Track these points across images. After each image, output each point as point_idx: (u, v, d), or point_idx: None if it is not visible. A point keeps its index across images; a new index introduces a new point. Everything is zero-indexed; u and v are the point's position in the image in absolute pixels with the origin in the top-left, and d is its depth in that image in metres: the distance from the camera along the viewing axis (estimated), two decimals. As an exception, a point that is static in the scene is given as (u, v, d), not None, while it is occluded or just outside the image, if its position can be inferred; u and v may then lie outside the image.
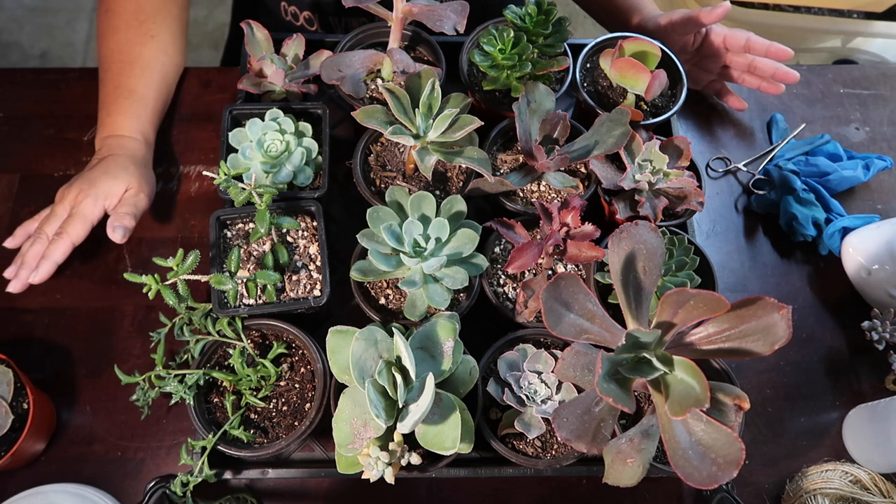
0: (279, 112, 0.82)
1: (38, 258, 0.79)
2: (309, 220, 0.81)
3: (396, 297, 0.78)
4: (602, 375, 0.56)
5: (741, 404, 0.58)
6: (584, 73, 0.92)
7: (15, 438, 0.73)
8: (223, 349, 0.77)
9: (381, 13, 0.81)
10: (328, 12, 1.06)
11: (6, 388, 0.75)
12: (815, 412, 0.86)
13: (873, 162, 0.97)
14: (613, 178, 0.82)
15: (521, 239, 0.70)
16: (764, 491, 0.81)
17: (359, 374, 0.66)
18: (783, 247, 0.95)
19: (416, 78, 0.77)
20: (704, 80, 1.02)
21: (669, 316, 0.57)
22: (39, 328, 0.85)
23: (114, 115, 0.89)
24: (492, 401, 0.74)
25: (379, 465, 0.64)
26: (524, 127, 0.80)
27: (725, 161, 1.00)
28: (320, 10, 1.06)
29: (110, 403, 0.82)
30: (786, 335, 0.53)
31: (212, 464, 0.72)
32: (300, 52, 0.90)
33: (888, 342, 0.84)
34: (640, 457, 0.61)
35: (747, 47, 0.93)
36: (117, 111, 0.89)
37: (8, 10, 2.21)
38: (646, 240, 0.62)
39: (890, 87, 1.07)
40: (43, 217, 0.83)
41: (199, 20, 2.19)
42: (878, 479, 0.78)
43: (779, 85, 0.97)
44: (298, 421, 0.74)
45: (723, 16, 0.92)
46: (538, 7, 0.82)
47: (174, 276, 0.69)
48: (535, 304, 0.74)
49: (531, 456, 0.73)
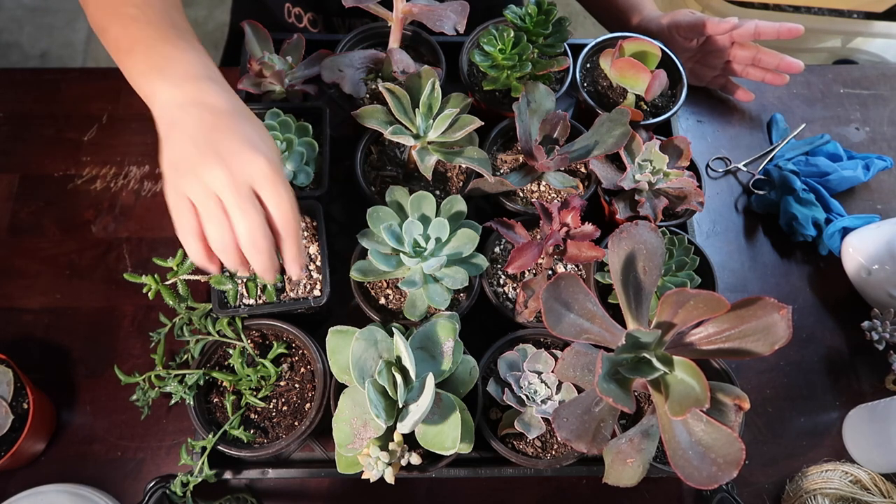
0: (279, 112, 0.82)
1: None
2: (309, 220, 0.81)
3: (396, 297, 0.78)
4: (602, 375, 0.56)
5: (741, 404, 0.58)
6: (584, 73, 0.92)
7: (15, 438, 0.73)
8: (223, 349, 0.77)
9: (381, 13, 0.81)
10: (332, 13, 1.06)
11: (6, 388, 0.75)
12: (815, 412, 0.86)
13: (873, 162, 0.97)
14: (613, 178, 0.82)
15: (521, 239, 0.70)
16: (764, 491, 0.81)
17: (359, 374, 0.66)
18: (783, 247, 0.95)
19: (416, 78, 0.77)
20: (708, 77, 1.02)
21: (669, 316, 0.57)
22: (39, 328, 0.85)
23: (167, 54, 0.63)
24: (492, 401, 0.74)
25: (379, 465, 0.64)
26: (524, 127, 0.80)
27: (725, 161, 1.00)
28: (325, 11, 1.06)
29: (110, 403, 0.82)
30: (786, 335, 0.53)
31: (212, 464, 0.72)
32: (300, 52, 0.90)
33: (888, 342, 0.84)
34: (640, 457, 0.61)
35: (757, 34, 0.93)
36: (169, 44, 0.64)
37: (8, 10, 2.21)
38: (646, 240, 0.62)
39: (890, 87, 1.07)
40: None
41: (199, 20, 2.19)
42: (878, 479, 0.78)
43: (783, 76, 0.97)
44: (298, 421, 0.74)
45: (729, 31, 0.93)
46: (538, 7, 0.82)
47: (174, 276, 0.69)
48: (535, 304, 0.74)
49: (531, 456, 0.73)
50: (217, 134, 0.59)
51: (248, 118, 0.63)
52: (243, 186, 0.59)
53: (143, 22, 0.65)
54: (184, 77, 0.62)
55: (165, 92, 0.61)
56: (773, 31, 0.92)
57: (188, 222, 0.60)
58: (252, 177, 0.59)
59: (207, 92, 0.61)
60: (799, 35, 0.92)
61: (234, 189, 0.58)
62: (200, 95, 0.61)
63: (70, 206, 0.92)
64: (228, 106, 0.62)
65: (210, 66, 0.64)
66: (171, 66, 0.62)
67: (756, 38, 0.94)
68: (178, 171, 0.60)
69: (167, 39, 0.64)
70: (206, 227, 0.60)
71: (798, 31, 0.92)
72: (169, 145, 0.61)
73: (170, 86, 0.61)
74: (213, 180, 0.58)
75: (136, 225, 0.91)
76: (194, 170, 0.59)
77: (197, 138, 0.59)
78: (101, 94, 0.99)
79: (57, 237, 0.90)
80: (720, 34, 0.94)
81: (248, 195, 0.59)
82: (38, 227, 0.91)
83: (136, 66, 0.64)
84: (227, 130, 0.60)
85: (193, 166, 0.59)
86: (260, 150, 0.60)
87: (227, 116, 0.61)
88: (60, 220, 0.91)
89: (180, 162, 0.60)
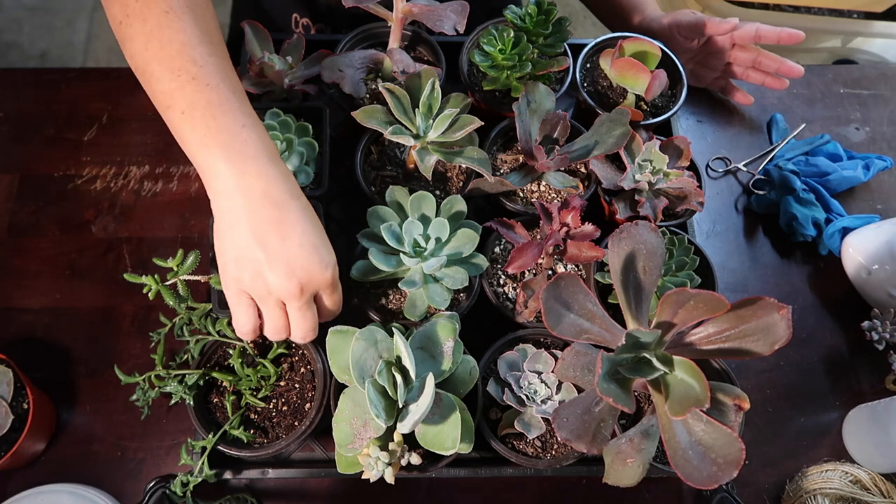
0: (279, 112, 0.82)
1: None
2: (309, 220, 0.81)
3: (396, 297, 0.78)
4: (602, 375, 0.56)
5: (741, 404, 0.58)
6: (584, 73, 0.92)
7: (15, 438, 0.73)
8: (223, 349, 0.77)
9: (381, 13, 0.81)
10: (341, 24, 1.05)
11: (6, 388, 0.75)
12: (815, 412, 0.86)
13: (873, 162, 0.97)
14: (613, 178, 0.82)
15: (521, 239, 0.70)
16: (764, 491, 0.81)
17: (359, 374, 0.66)
18: (783, 247, 0.95)
19: (416, 78, 0.77)
20: (708, 78, 1.02)
21: (669, 316, 0.57)
22: (39, 328, 0.85)
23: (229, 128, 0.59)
24: (492, 401, 0.74)
25: (379, 465, 0.64)
26: (524, 127, 0.80)
27: (725, 161, 1.00)
28: (333, 22, 1.06)
29: (110, 403, 0.82)
30: (786, 335, 0.53)
31: (212, 464, 0.72)
32: (300, 52, 0.90)
33: (888, 342, 0.84)
34: (640, 457, 0.61)
35: (757, 37, 0.93)
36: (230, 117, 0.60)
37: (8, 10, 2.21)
38: (646, 240, 0.62)
39: (890, 87, 1.07)
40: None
41: (199, 20, 2.19)
42: (878, 479, 0.78)
43: (783, 80, 0.97)
44: (298, 421, 0.74)
45: (730, 31, 0.93)
46: (538, 7, 0.82)
47: (174, 277, 0.69)
48: (535, 304, 0.74)
49: (531, 456, 0.73)
50: (284, 236, 0.59)
51: (309, 211, 0.62)
52: (307, 296, 0.61)
53: (202, 82, 0.59)
54: (248, 158, 0.59)
55: (228, 173, 0.58)
56: (773, 35, 0.93)
57: (249, 320, 0.63)
58: (318, 288, 0.62)
59: (271, 180, 0.60)
60: (799, 41, 0.92)
61: (300, 301, 0.61)
62: (264, 183, 0.59)
63: (70, 206, 0.92)
64: (293, 200, 0.60)
65: (269, 143, 0.62)
66: (235, 143, 0.59)
67: (756, 42, 0.94)
68: (239, 267, 0.60)
69: (229, 111, 0.60)
70: (266, 325, 0.63)
71: (799, 38, 0.92)
72: (231, 235, 0.60)
73: (233, 167, 0.58)
74: (280, 289, 0.60)
75: (136, 225, 0.91)
76: (260, 272, 0.59)
77: (264, 238, 0.59)
78: (101, 94, 0.99)
79: (57, 237, 0.90)
80: (721, 35, 0.94)
81: (310, 303, 0.62)
82: (38, 227, 0.91)
83: (195, 132, 0.59)
84: (293, 233, 0.60)
85: (259, 268, 0.59)
86: (324, 259, 0.61)
87: (293, 214, 0.60)
88: (60, 220, 0.91)
89: (244, 258, 0.59)
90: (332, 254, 0.63)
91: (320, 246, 0.62)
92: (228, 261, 0.61)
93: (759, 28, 0.93)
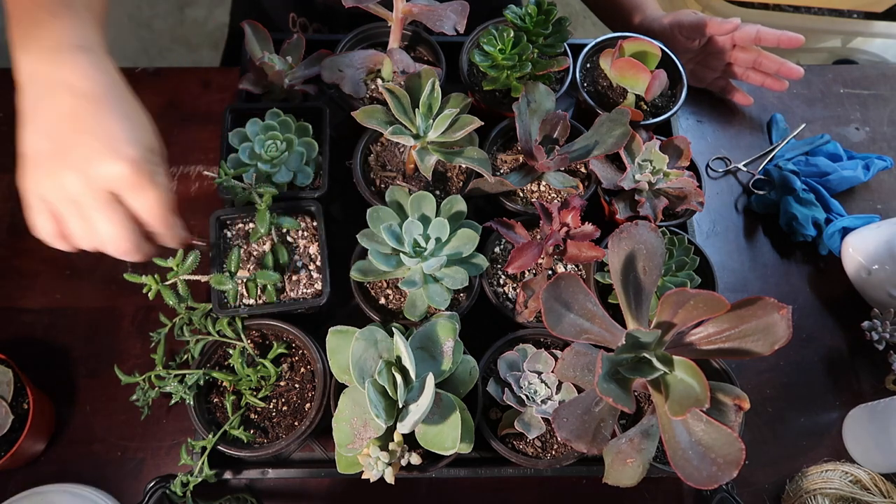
0: (279, 112, 0.82)
1: None
2: (309, 220, 0.81)
3: (396, 297, 0.78)
4: (602, 375, 0.56)
5: (741, 404, 0.58)
6: (584, 73, 0.92)
7: (15, 438, 0.73)
8: (223, 349, 0.77)
9: (381, 13, 0.81)
10: (340, 24, 1.05)
11: (6, 388, 0.75)
12: (815, 412, 0.86)
13: (873, 162, 0.97)
14: (613, 178, 0.82)
15: (521, 239, 0.70)
16: (764, 491, 0.81)
17: (359, 374, 0.66)
18: (783, 247, 0.95)
19: (416, 78, 0.77)
20: (708, 78, 1.02)
21: (669, 316, 0.57)
22: (39, 328, 0.85)
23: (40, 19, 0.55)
24: (492, 401, 0.74)
25: (379, 465, 0.64)
26: (524, 127, 0.80)
27: (725, 161, 1.00)
28: (331, 22, 1.06)
29: (110, 403, 0.82)
30: (786, 335, 0.54)
31: (212, 464, 0.72)
32: (300, 52, 0.90)
33: (888, 342, 0.84)
34: (640, 457, 0.61)
35: (758, 39, 0.94)
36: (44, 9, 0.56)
37: (8, 10, 2.20)
38: (646, 240, 0.62)
39: (890, 87, 1.07)
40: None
41: (199, 20, 2.19)
42: (878, 479, 0.78)
43: (783, 81, 0.97)
44: (298, 421, 0.74)
45: (732, 31, 0.93)
46: (538, 7, 0.82)
47: (174, 277, 0.69)
48: (535, 304, 0.74)
49: (531, 456, 0.73)
50: (77, 129, 0.55)
51: (117, 104, 0.56)
52: (101, 193, 0.56)
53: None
54: (53, 48, 0.55)
55: (30, 65, 0.55)
56: (773, 38, 0.93)
57: (47, 224, 0.59)
58: (110, 182, 0.56)
59: (76, 68, 0.55)
60: (799, 45, 0.92)
61: (91, 196, 0.56)
62: (67, 73, 0.55)
63: (70, 206, 0.92)
64: (97, 89, 0.55)
65: (90, 34, 0.57)
66: (41, 34, 0.54)
67: (757, 44, 0.94)
68: (36, 167, 0.56)
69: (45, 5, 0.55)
70: (68, 230, 0.59)
71: (798, 42, 0.92)
72: (28, 133, 0.56)
73: (35, 58, 0.55)
74: (70, 186, 0.55)
75: (136, 225, 0.91)
76: (51, 172, 0.56)
77: (56, 133, 0.55)
78: (101, 94, 0.99)
79: (57, 237, 0.90)
80: (722, 35, 0.94)
81: (106, 202, 0.56)
82: (38, 227, 0.91)
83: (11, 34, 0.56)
84: (88, 125, 0.55)
85: (50, 167, 0.56)
86: (121, 151, 0.55)
87: (92, 104, 0.55)
88: (60, 220, 0.91)
89: (38, 157, 0.56)
90: (137, 142, 0.56)
91: (120, 135, 0.55)
92: (25, 161, 0.56)
93: (759, 30, 0.93)
